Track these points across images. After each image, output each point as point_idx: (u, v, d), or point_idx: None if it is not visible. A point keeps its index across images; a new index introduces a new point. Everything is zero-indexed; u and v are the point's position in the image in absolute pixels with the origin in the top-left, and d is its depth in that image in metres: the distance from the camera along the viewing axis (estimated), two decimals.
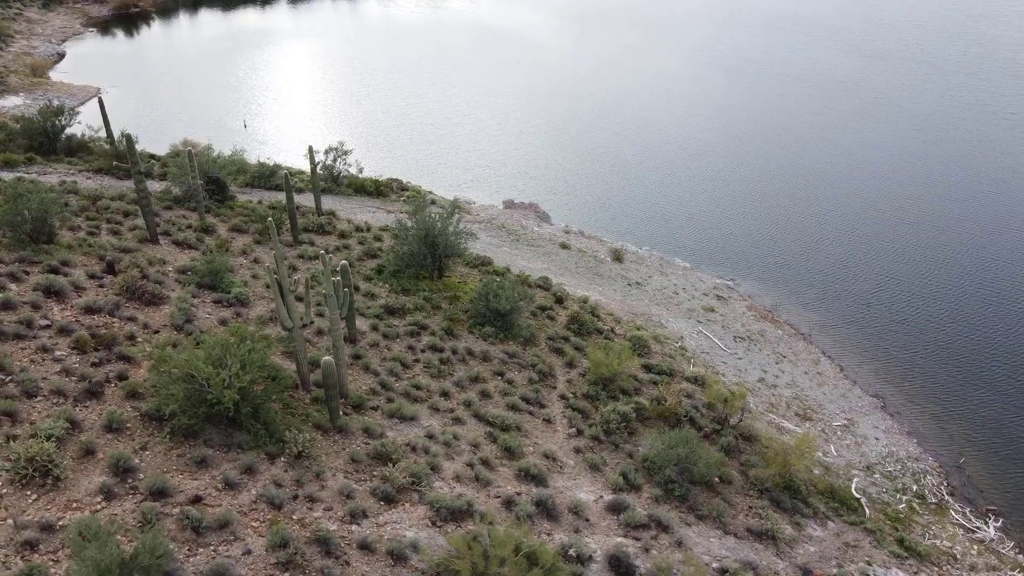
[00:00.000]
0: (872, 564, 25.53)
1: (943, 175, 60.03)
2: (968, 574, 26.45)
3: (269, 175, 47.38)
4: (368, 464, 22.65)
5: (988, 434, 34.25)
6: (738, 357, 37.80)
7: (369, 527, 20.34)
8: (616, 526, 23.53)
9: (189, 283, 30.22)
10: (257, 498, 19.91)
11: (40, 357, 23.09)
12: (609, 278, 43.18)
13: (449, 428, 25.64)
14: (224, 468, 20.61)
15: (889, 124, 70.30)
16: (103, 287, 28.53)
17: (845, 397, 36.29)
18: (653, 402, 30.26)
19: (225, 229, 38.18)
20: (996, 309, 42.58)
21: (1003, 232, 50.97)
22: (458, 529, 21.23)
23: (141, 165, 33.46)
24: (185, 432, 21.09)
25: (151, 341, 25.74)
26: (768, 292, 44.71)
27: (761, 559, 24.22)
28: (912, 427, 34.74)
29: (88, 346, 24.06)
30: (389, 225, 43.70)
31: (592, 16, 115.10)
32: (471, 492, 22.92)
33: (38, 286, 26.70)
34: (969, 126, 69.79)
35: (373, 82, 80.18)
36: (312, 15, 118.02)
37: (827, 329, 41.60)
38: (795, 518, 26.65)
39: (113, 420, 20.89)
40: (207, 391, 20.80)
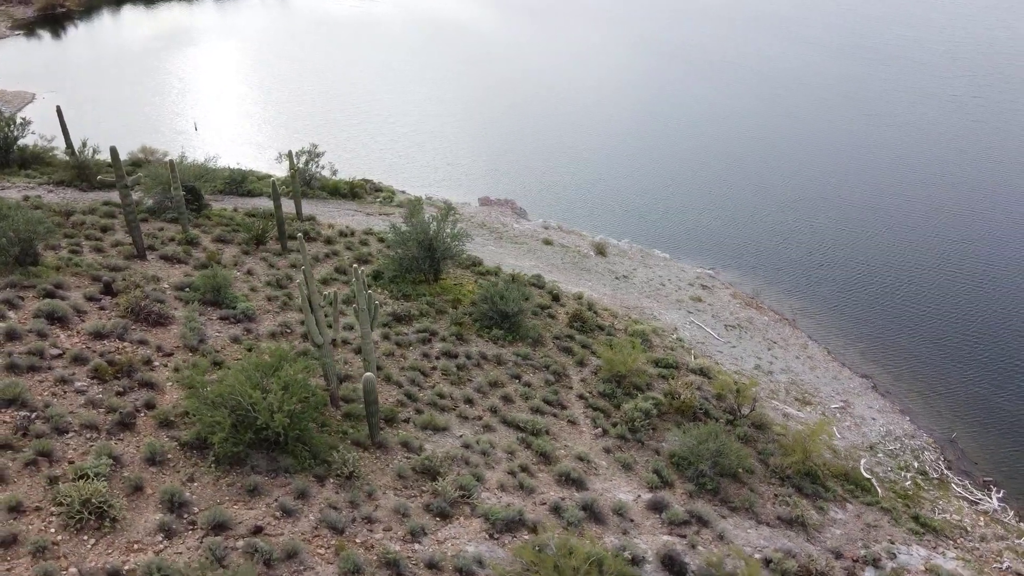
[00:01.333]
0: (895, 543, 26.47)
1: (909, 158, 62.23)
2: (980, 544, 27.68)
3: (240, 181, 45.98)
4: (415, 479, 22.36)
5: (974, 408, 35.82)
6: (732, 346, 38.56)
7: (430, 544, 20.11)
8: (660, 525, 23.81)
9: (192, 300, 29.16)
10: (317, 523, 19.44)
11: (61, 389, 22.00)
12: (596, 273, 43.46)
13: (482, 436, 25.47)
14: (277, 495, 20.05)
15: (847, 112, 72.37)
16: (104, 309, 27.32)
17: (837, 379, 37.43)
18: (667, 397, 30.65)
19: (209, 240, 36.94)
20: (972, 287, 44.52)
21: (973, 211, 53.19)
22: (514, 540, 21.17)
23: (127, 178, 32.02)
24: (230, 460, 20.40)
25: (168, 365, 24.80)
26: (748, 279, 45.70)
27: (795, 546, 24.86)
28: (904, 405, 36.08)
29: (107, 374, 23.04)
30: (373, 228, 43.09)
31: (541, 9, 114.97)
32: (518, 501, 22.86)
33: (39, 312, 25.39)
34: (921, 110, 72.47)
35: (325, 80, 78.56)
36: (241, 12, 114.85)
37: (810, 313, 42.79)
38: (818, 503, 27.41)
39: (154, 452, 20.08)
40: (254, 416, 20.16)
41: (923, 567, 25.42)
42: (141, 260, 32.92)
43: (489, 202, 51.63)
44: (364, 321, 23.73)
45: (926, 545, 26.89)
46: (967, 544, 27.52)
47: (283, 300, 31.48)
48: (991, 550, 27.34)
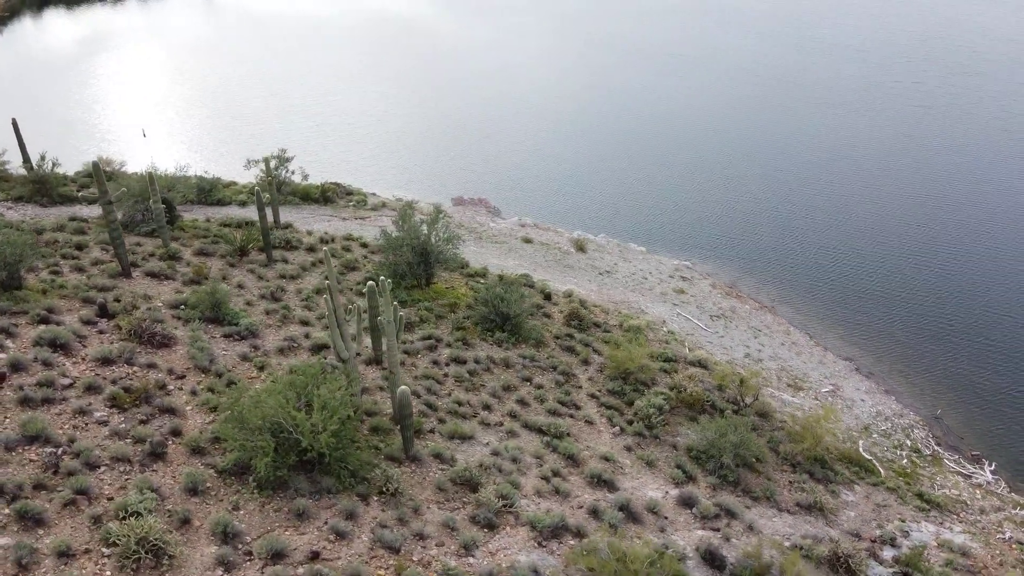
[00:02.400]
0: (905, 521, 27.45)
1: (872, 144, 64.23)
2: (981, 517, 28.93)
3: (209, 190, 44.62)
4: (455, 491, 22.18)
5: (954, 385, 37.31)
6: (720, 335, 39.29)
7: (483, 557, 20.00)
8: (692, 520, 24.18)
9: (192, 318, 28.22)
10: (372, 544, 19.13)
11: (82, 422, 21.07)
12: (580, 269, 43.69)
13: (508, 443, 25.41)
14: (325, 517, 19.65)
15: (808, 101, 74.28)
16: (104, 333, 26.26)
17: (823, 363, 38.51)
18: (673, 390, 31.09)
19: (191, 253, 35.82)
20: (943, 268, 46.32)
21: (941, 193, 55.23)
22: (561, 546, 21.22)
23: (110, 194, 30.74)
24: (273, 484, 19.88)
25: (183, 388, 24.00)
26: (725, 270, 46.60)
27: (817, 531, 25.56)
28: (888, 386, 37.35)
29: (125, 402, 22.17)
30: (352, 234, 42.45)
31: (488, 7, 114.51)
32: (556, 506, 22.90)
33: (40, 340, 24.23)
34: (880, 97, 74.88)
35: (275, 81, 76.73)
36: (168, 12, 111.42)
37: (787, 300, 43.89)
38: (830, 487, 28.22)
39: (194, 482, 19.42)
40: (295, 438, 19.69)
41: (935, 542, 26.44)
42: (126, 278, 31.71)
43: (463, 202, 51.33)
44: (390, 333, 23.36)
45: (933, 521, 27.97)
46: (969, 517, 28.72)
47: (282, 313, 30.76)
48: (992, 521, 28.60)
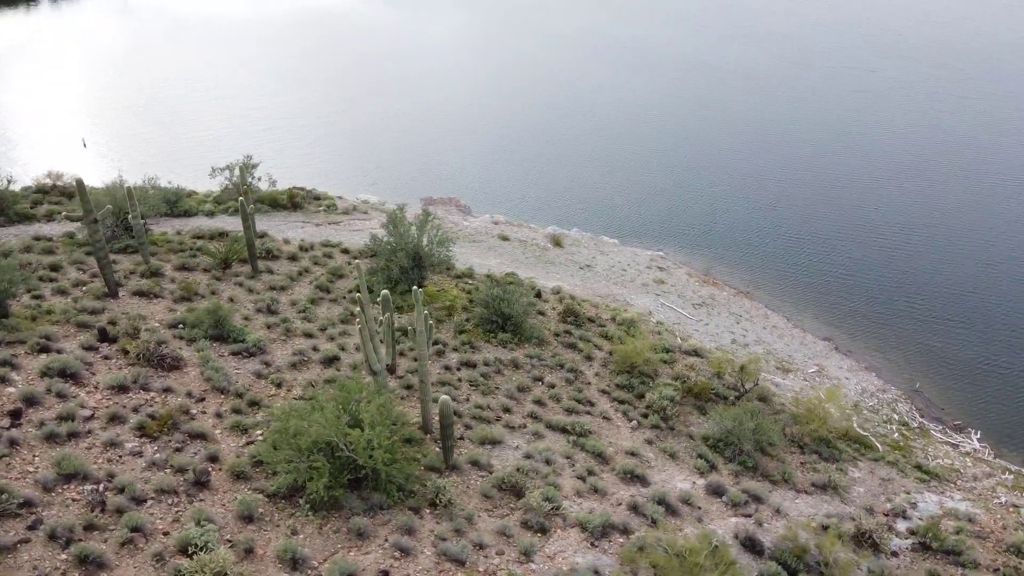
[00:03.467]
0: (910, 493, 28.70)
1: (829, 126, 66.27)
2: (975, 484, 30.46)
3: (174, 201, 43.04)
4: (501, 497, 22.17)
5: (929, 358, 39.12)
6: (704, 323, 40.16)
7: (543, 561, 20.08)
8: (724, 508, 24.76)
9: (196, 337, 27.28)
10: (438, 558, 18.97)
11: (115, 455, 20.21)
12: (560, 264, 43.96)
13: (536, 445, 25.48)
14: (383, 534, 19.39)
15: (764, 90, 76.07)
16: (109, 359, 25.16)
17: (804, 345, 39.81)
18: (676, 381, 31.68)
19: (172, 269, 34.55)
20: (906, 246, 48.30)
21: (899, 174, 57.39)
22: (611, 544, 21.46)
23: (95, 212, 29.37)
24: (326, 505, 19.50)
25: (206, 411, 23.25)
26: (697, 257, 47.60)
27: (835, 509, 26.51)
28: (867, 363, 38.88)
29: (153, 430, 21.35)
30: (330, 240, 41.63)
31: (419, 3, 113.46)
32: (597, 505, 23.13)
33: (48, 371, 23.09)
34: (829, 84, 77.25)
35: (215, 83, 74.38)
36: (84, 15, 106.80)
37: (761, 284, 45.15)
38: (838, 465, 29.25)
39: (248, 508, 18.89)
40: (349, 456, 19.35)
41: (941, 511, 27.71)
42: (113, 299, 30.40)
43: (433, 201, 50.94)
44: (421, 343, 23.10)
45: (934, 491, 29.31)
46: (965, 485, 30.20)
47: (284, 327, 30.04)
48: (986, 488, 30.14)
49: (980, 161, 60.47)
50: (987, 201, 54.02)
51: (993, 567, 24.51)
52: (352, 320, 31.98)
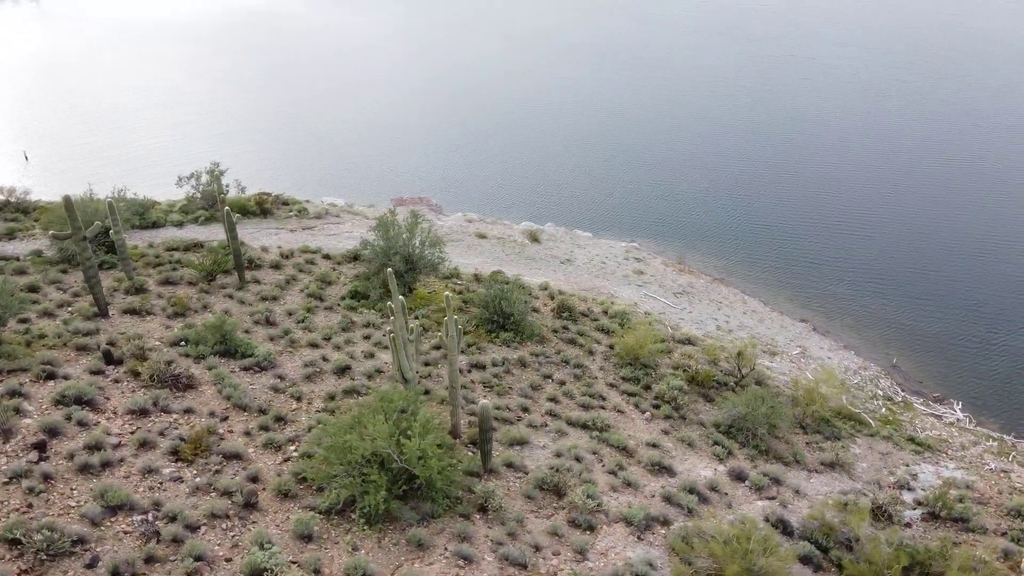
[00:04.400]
0: (909, 465, 29.98)
1: (782, 114, 67.94)
2: (964, 452, 32.00)
3: (142, 213, 41.57)
4: (543, 498, 22.30)
5: (901, 334, 40.84)
6: (688, 311, 40.97)
7: (597, 558, 20.33)
8: (749, 492, 25.44)
9: (204, 355, 26.51)
10: (501, 563, 19.02)
11: (155, 482, 19.56)
12: (541, 260, 44.17)
13: (562, 443, 25.65)
14: (442, 543, 19.32)
15: (724, 85, 77.46)
16: (119, 382, 24.27)
17: (784, 328, 41.03)
18: (678, 370, 32.31)
19: (155, 284, 33.43)
20: (869, 225, 50.08)
21: (859, 154, 59.33)
22: (655, 536, 21.85)
23: (85, 230, 28.16)
24: (381, 517, 19.31)
25: (233, 430, 22.68)
26: (670, 247, 48.47)
27: (846, 485, 27.53)
28: (845, 342, 40.33)
29: (187, 454, 20.73)
30: (309, 246, 40.86)
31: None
32: (632, 498, 23.49)
33: (62, 399, 22.16)
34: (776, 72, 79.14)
35: (157, 90, 71.87)
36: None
37: (734, 271, 46.31)
38: (840, 444, 30.33)
39: (306, 527, 18.56)
40: (403, 467, 19.20)
41: (940, 481, 29.04)
42: (104, 318, 29.28)
43: (403, 201, 50.45)
44: (452, 348, 22.99)
45: (929, 461, 30.68)
46: (956, 454, 31.70)
47: (288, 338, 29.47)
48: (974, 455, 31.70)
49: (939, 143, 63.16)
50: (947, 181, 56.46)
51: (1000, 531, 25.83)
52: (353, 327, 31.56)
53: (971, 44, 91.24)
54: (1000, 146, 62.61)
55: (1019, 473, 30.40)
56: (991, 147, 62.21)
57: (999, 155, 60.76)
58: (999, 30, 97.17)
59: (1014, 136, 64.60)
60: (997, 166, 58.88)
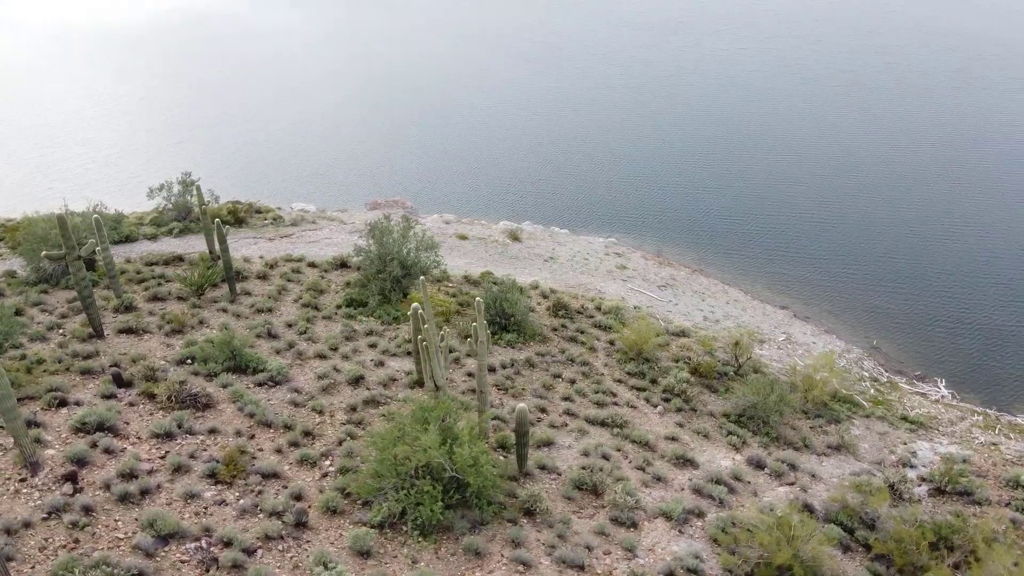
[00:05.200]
0: (907, 444, 31.08)
1: (744, 103, 69.21)
2: (954, 428, 33.31)
3: (114, 228, 40.15)
4: (582, 498, 22.45)
5: (876, 315, 42.17)
6: (674, 303, 41.61)
7: (645, 555, 20.59)
8: (769, 479, 26.05)
9: (215, 372, 25.84)
10: (559, 566, 19.12)
11: (199, 507, 19.05)
12: (525, 259, 44.25)
13: (587, 441, 25.84)
14: (498, 549, 19.30)
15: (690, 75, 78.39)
16: (134, 405, 23.50)
17: (767, 316, 42.01)
18: (679, 362, 32.85)
19: (143, 301, 32.42)
20: (839, 209, 51.53)
21: (827, 139, 60.85)
22: (695, 530, 22.22)
23: (79, 249, 27.08)
24: (434, 528, 19.19)
25: (263, 448, 22.20)
26: (646, 241, 49.11)
27: (855, 467, 28.41)
28: (825, 326, 41.50)
29: (226, 476, 20.24)
30: (292, 255, 40.08)
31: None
32: (664, 492, 23.82)
33: (82, 426, 21.36)
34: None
35: (104, 97, 69.40)
36: None
37: (711, 261, 47.16)
38: (841, 427, 31.25)
39: (363, 544, 18.33)
40: (454, 476, 19.11)
41: (938, 457, 30.20)
42: (100, 339, 28.27)
43: (378, 205, 49.92)
44: (483, 352, 22.91)
45: (923, 439, 31.85)
46: (946, 430, 32.98)
47: (295, 350, 28.95)
48: (963, 430, 33.03)
49: (902, 129, 65.35)
50: (911, 167, 58.46)
51: (1003, 502, 27.01)
52: (356, 336, 31.16)
53: (919, 27, 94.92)
54: (963, 129, 65.18)
55: (1007, 445, 31.79)
56: (954, 131, 64.73)
57: (963, 139, 63.24)
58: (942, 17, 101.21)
59: (976, 117, 67.35)
60: (961, 150, 61.26)
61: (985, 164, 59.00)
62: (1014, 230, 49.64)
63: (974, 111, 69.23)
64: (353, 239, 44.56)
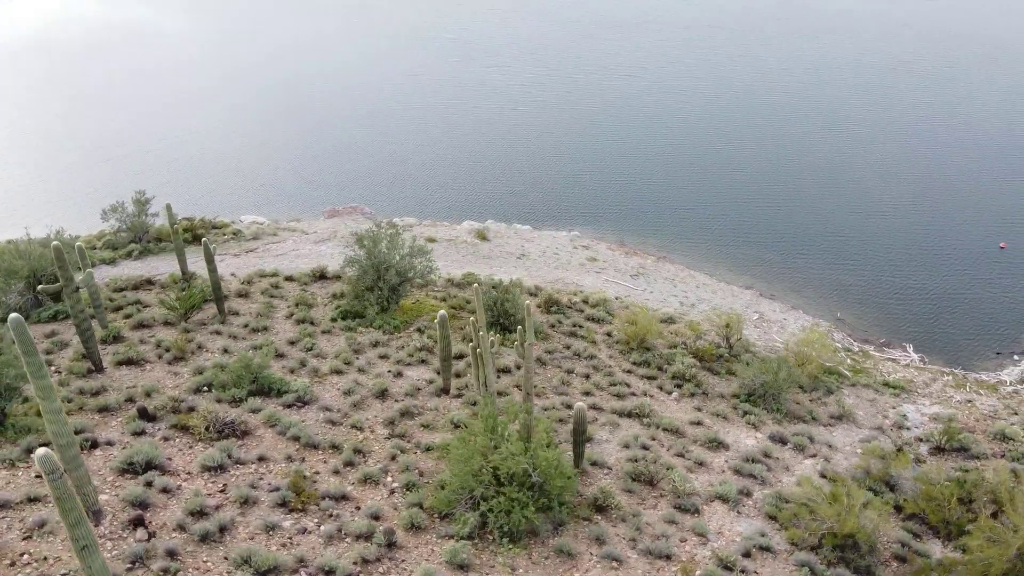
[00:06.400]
0: (896, 408, 33.00)
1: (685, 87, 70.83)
2: (928, 389, 35.53)
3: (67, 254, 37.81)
4: (640, 490, 22.87)
5: (836, 289, 44.38)
6: (649, 291, 42.61)
7: (716, 538, 21.22)
8: (795, 453, 27.23)
9: (242, 397, 24.91)
10: (647, 557, 19.54)
11: (284, 538, 18.46)
12: (498, 257, 44.32)
13: (623, 434, 26.29)
14: (586, 548, 19.53)
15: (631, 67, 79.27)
16: (169, 439, 22.44)
17: (736, 296, 43.56)
18: (676, 348, 33.79)
19: (128, 329, 30.85)
20: (784, 189, 53.66)
21: (766, 115, 62.93)
22: (747, 508, 23.05)
23: (76, 280, 25.46)
24: (522, 533, 19.25)
25: (319, 472, 21.64)
26: (607, 232, 49.94)
27: (861, 434, 30.00)
28: (792, 303, 43.38)
29: (298, 503, 19.65)
30: (264, 270, 38.87)
31: None
32: (709, 476, 24.56)
33: (129, 467, 20.28)
34: None
35: (33, 114, 65.05)
36: None
37: (673, 248, 48.42)
38: (836, 397, 32.88)
39: (458, 557, 18.22)
40: (538, 481, 19.22)
41: (924, 417, 32.23)
42: (99, 373, 26.79)
43: (337, 212, 48.87)
44: (530, 355, 22.97)
45: (908, 401, 33.88)
46: (924, 392, 35.15)
47: (308, 369, 28.25)
48: (938, 391, 35.29)
49: (841, 111, 68.55)
50: (850, 146, 61.47)
51: (997, 455, 29.10)
52: (363, 348, 30.58)
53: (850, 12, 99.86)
54: (898, 112, 69.02)
55: (981, 401, 34.18)
56: (888, 114, 68.48)
57: (898, 122, 66.95)
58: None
59: (911, 99, 71.40)
60: (898, 132, 64.89)
61: (923, 144, 62.72)
62: (952, 204, 53.09)
63: (910, 95, 73.39)
64: (320, 249, 43.78)
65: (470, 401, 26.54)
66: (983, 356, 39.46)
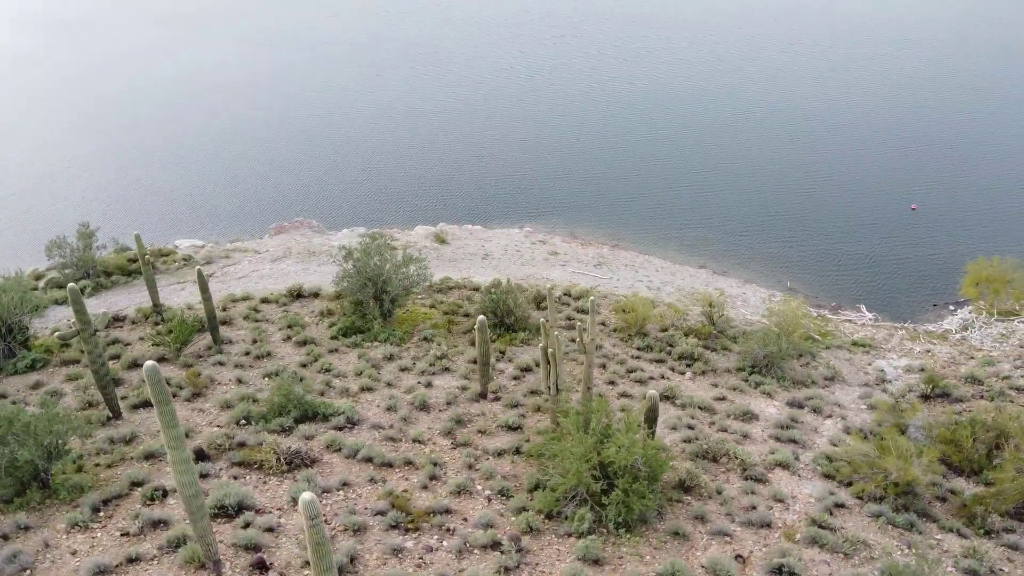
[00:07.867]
0: (871, 364, 35.66)
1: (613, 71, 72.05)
2: (888, 344, 38.55)
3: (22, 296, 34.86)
4: (707, 466, 23.82)
5: (780, 260, 47.26)
6: (616, 280, 43.86)
7: (792, 502, 22.47)
8: (815, 415, 29.00)
9: (288, 425, 24.05)
10: (750, 527, 20.41)
11: (417, 559, 18.16)
12: (463, 259, 44.31)
13: (664, 416, 27.07)
14: (694, 528, 20.26)
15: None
16: (238, 478, 21.45)
17: (694, 276, 45.55)
18: (667, 331, 35.13)
19: (124, 370, 28.98)
20: (717, 172, 56.14)
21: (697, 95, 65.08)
22: (802, 472, 24.51)
23: (93, 323, 23.63)
24: (635, 521, 19.81)
25: (407, 490, 21.33)
26: (556, 226, 50.92)
27: (856, 392, 32.27)
28: (744, 277, 45.88)
29: (408, 524, 19.37)
30: (234, 294, 37.19)
31: None
32: (756, 446, 25.86)
33: (220, 510, 19.28)
34: None
35: None
36: None
37: (621, 235, 50.03)
38: (822, 360, 35.12)
39: (590, 553, 18.55)
40: (644, 470, 19.83)
41: (899, 371, 35.02)
42: (117, 419, 25.13)
43: (283, 228, 47.28)
44: (591, 351, 23.50)
45: (878, 357, 36.65)
46: (887, 347, 38.12)
47: (337, 390, 27.56)
48: (898, 344, 38.37)
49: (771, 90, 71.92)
50: (779, 124, 64.78)
51: (977, 396, 32.04)
52: (380, 363, 30.04)
53: None
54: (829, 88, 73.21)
55: (939, 350, 37.43)
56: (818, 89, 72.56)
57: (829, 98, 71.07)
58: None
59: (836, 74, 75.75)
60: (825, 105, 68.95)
61: (837, 122, 67.06)
62: (866, 174, 57.32)
63: (840, 70, 78.01)
64: (281, 267, 42.39)
65: (555, 401, 26.45)
66: (922, 309, 43.13)
